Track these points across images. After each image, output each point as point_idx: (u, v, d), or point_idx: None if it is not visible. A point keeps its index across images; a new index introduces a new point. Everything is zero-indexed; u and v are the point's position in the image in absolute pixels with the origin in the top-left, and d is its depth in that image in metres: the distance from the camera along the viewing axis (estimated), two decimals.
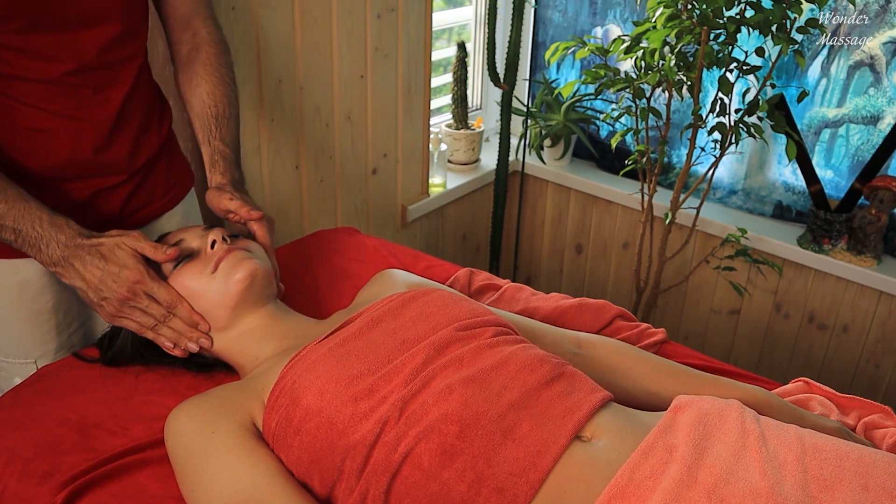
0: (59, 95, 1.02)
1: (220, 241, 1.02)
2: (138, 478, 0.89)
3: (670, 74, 1.63)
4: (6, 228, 0.96)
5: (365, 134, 1.88)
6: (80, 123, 1.05)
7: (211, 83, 1.16)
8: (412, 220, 2.12)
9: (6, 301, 1.10)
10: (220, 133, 1.14)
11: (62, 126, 1.03)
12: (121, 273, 0.96)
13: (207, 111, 1.15)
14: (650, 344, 1.18)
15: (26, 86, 1.00)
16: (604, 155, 2.35)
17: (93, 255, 0.96)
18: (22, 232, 0.96)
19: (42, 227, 0.96)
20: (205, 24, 1.18)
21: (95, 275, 0.96)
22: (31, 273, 1.09)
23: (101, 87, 1.06)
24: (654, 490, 0.73)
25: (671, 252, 2.04)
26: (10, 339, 1.13)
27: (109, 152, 1.09)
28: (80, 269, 0.97)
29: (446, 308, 0.95)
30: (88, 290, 0.98)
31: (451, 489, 0.77)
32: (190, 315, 1.00)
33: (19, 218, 0.96)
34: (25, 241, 0.97)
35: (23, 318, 1.11)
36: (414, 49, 1.91)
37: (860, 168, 1.87)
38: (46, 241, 0.96)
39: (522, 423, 0.80)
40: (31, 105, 1.01)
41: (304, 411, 0.84)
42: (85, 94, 1.04)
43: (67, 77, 1.01)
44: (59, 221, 0.97)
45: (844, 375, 2.04)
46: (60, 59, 1.00)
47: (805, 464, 0.75)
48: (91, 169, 1.08)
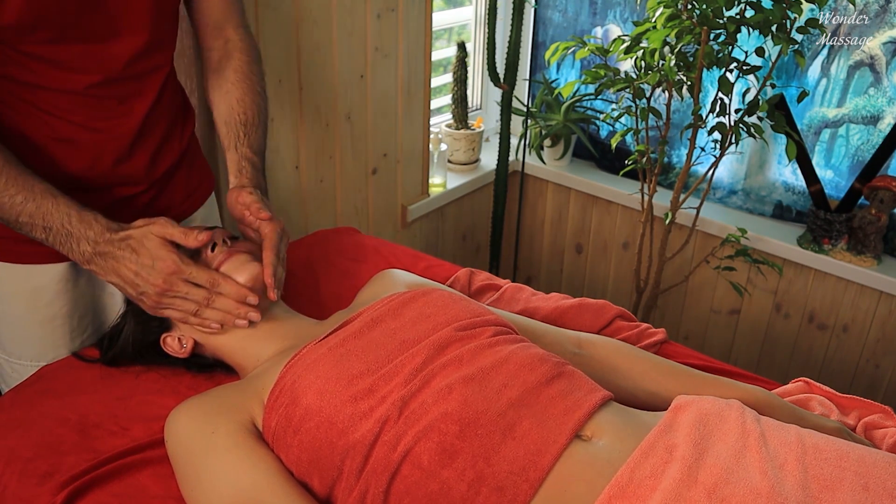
0: (84, 106, 1.01)
1: (220, 245, 1.01)
2: (138, 478, 0.89)
3: (670, 74, 1.63)
4: (37, 227, 0.95)
5: (365, 134, 1.88)
6: (102, 135, 1.04)
7: (242, 90, 1.14)
8: (412, 220, 2.12)
9: (20, 305, 1.09)
10: (248, 140, 1.12)
11: (84, 137, 1.02)
12: (155, 265, 0.94)
13: (236, 118, 1.13)
14: (650, 344, 1.18)
15: (51, 95, 0.98)
16: (604, 155, 2.35)
17: (124, 250, 0.95)
18: (52, 230, 0.95)
19: (71, 225, 0.94)
20: (237, 30, 1.17)
21: (130, 269, 0.95)
22: (45, 280, 1.08)
23: (126, 99, 1.04)
24: (655, 489, 0.73)
25: (671, 252, 2.04)
26: (24, 341, 1.13)
27: (129, 163, 1.08)
28: (113, 266, 0.95)
29: (446, 308, 0.95)
30: (126, 286, 0.96)
31: (451, 488, 0.77)
32: (238, 289, 0.97)
33: (48, 216, 0.94)
34: (56, 240, 0.95)
35: (36, 322, 1.11)
36: (414, 49, 1.91)
37: (860, 168, 1.87)
38: (77, 239, 0.95)
39: (522, 422, 0.80)
40: (54, 115, 1.00)
41: (304, 411, 0.84)
42: (109, 106, 1.03)
43: (92, 89, 1.00)
44: (88, 217, 0.95)
45: (844, 375, 2.04)
46: (87, 70, 0.98)
47: (805, 464, 0.75)
48: (110, 180, 1.07)
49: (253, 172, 1.10)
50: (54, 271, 1.08)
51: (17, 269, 1.07)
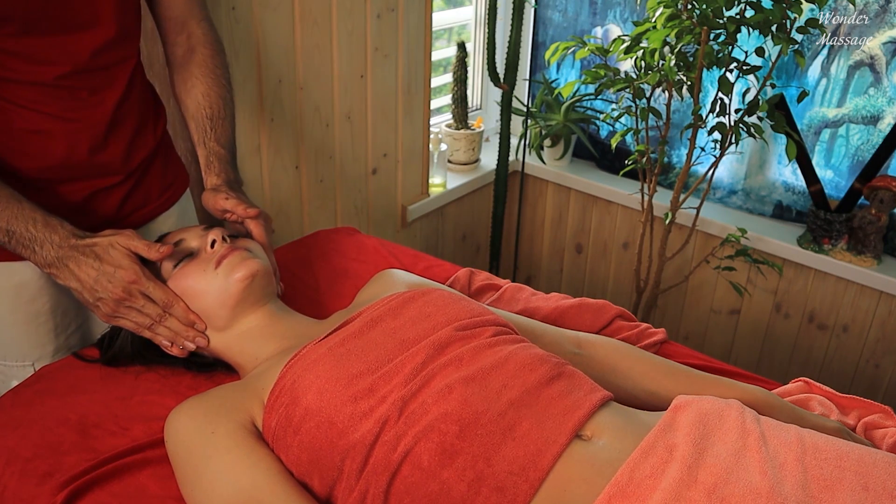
0: (54, 98, 1.02)
1: (220, 241, 1.02)
2: (138, 478, 0.89)
3: (670, 74, 1.63)
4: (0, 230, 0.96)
5: (365, 134, 1.88)
6: (75, 125, 1.04)
7: (206, 84, 1.16)
8: (412, 220, 2.12)
9: (2, 304, 1.09)
10: (215, 134, 1.14)
11: (58, 127, 1.03)
12: (116, 273, 0.96)
13: (202, 112, 1.14)
14: (650, 344, 1.17)
15: (21, 88, 0.99)
16: (604, 155, 2.35)
17: (87, 256, 0.96)
18: (15, 233, 0.96)
19: (36, 229, 0.96)
20: (199, 25, 1.18)
21: (90, 275, 0.96)
22: (27, 276, 1.08)
23: (96, 90, 1.05)
24: (655, 489, 0.73)
25: (671, 252, 2.04)
26: (8, 342, 1.13)
27: (105, 153, 1.09)
28: (74, 270, 0.96)
29: (446, 308, 0.95)
30: (84, 291, 0.97)
31: (451, 488, 0.77)
32: (186, 314, 1.00)
33: (12, 219, 0.95)
34: (19, 243, 0.96)
35: (20, 320, 1.11)
36: (414, 49, 1.91)
37: (860, 168, 1.87)
38: (41, 243, 0.96)
39: (522, 422, 0.80)
40: (26, 107, 1.00)
41: (304, 411, 0.84)
42: (80, 97, 1.04)
43: (61, 80, 1.01)
44: (53, 222, 0.97)
45: (844, 375, 2.04)
46: (54, 62, 0.99)
47: (805, 464, 0.75)
48: (87, 170, 1.08)
49: (221, 166, 1.12)
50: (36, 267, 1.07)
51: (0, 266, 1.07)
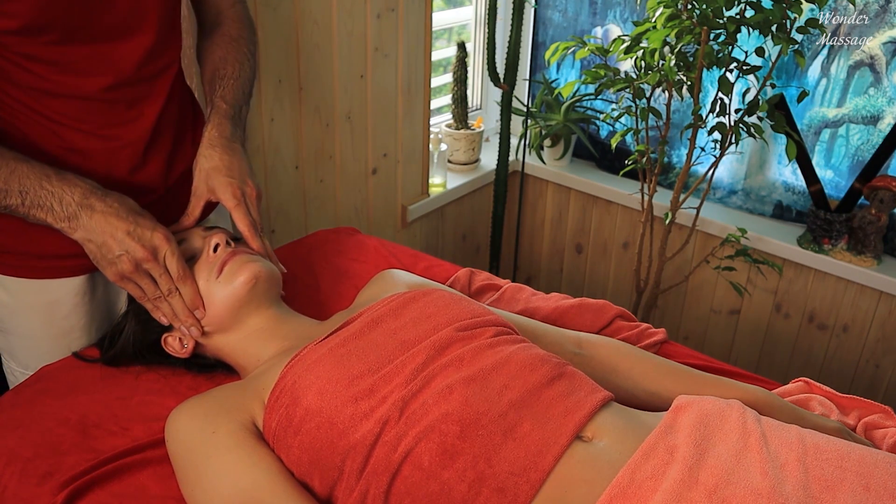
0: (92, 113, 0.99)
1: (224, 245, 1.02)
2: (138, 478, 0.89)
3: (670, 74, 1.63)
4: (11, 193, 0.89)
5: (365, 134, 1.88)
6: (114, 143, 1.02)
7: (224, 50, 1.12)
8: (412, 220, 2.11)
9: (36, 319, 1.08)
10: (221, 91, 1.08)
11: (96, 146, 1.00)
12: (152, 234, 0.93)
13: (216, 73, 1.10)
14: (650, 344, 1.17)
15: (59, 102, 0.96)
16: (604, 155, 2.35)
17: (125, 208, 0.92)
18: (29, 193, 0.89)
19: (51, 184, 0.90)
20: (233, 6, 1.17)
21: (121, 228, 0.91)
22: (62, 293, 1.06)
23: (136, 102, 1.02)
24: (656, 490, 0.73)
25: (671, 252, 2.04)
26: (41, 355, 1.10)
27: (144, 171, 1.06)
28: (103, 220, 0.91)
29: (447, 308, 0.95)
30: (110, 241, 0.92)
31: (452, 489, 0.77)
32: (194, 297, 0.99)
33: (23, 179, 0.89)
34: (34, 203, 0.90)
35: (52, 335, 1.09)
36: (414, 49, 1.91)
37: (860, 168, 1.87)
38: (59, 197, 0.90)
39: (523, 423, 0.80)
40: (63, 124, 0.97)
41: (305, 411, 0.84)
42: (118, 111, 1.01)
43: (104, 93, 0.98)
44: (69, 176, 0.91)
45: (844, 375, 2.04)
46: (97, 72, 0.96)
47: (806, 464, 0.75)
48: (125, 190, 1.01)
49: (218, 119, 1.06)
50: (71, 285, 1.06)
51: (33, 283, 1.05)
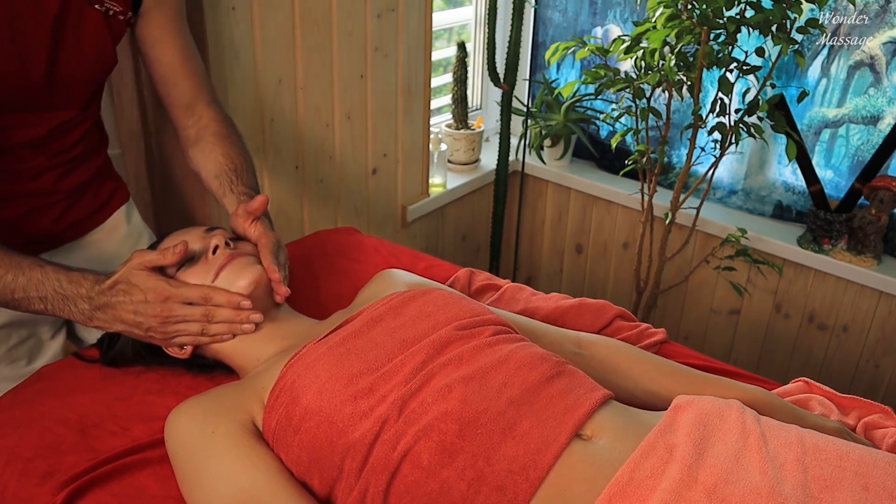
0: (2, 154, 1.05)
1: (223, 247, 1.01)
2: (138, 478, 0.89)
3: (670, 74, 1.63)
4: (34, 300, 0.96)
5: (365, 134, 1.88)
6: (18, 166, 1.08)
7: (225, 147, 1.17)
8: (412, 220, 2.11)
9: None
10: (241, 181, 1.14)
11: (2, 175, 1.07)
12: (147, 297, 0.95)
13: (226, 167, 1.15)
14: (650, 344, 1.17)
15: None
16: (604, 155, 2.35)
17: (117, 296, 0.96)
18: (48, 298, 0.96)
19: (63, 288, 0.96)
20: (209, 107, 1.20)
21: (129, 310, 0.96)
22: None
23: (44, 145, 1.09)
24: (655, 489, 0.73)
25: (671, 252, 2.04)
26: None
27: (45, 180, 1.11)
28: (115, 315, 0.96)
29: (446, 307, 0.95)
30: (133, 329, 0.97)
31: (451, 488, 0.77)
32: (228, 297, 0.98)
33: (40, 286, 0.95)
34: (55, 307, 0.96)
35: None
36: (414, 49, 1.91)
37: (860, 168, 1.87)
38: (73, 300, 0.96)
39: (522, 421, 0.80)
40: None
41: (304, 410, 0.84)
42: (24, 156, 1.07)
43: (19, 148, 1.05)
44: (76, 277, 0.97)
45: (844, 375, 2.04)
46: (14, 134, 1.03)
47: (805, 464, 0.75)
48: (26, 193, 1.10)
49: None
50: None
51: None
